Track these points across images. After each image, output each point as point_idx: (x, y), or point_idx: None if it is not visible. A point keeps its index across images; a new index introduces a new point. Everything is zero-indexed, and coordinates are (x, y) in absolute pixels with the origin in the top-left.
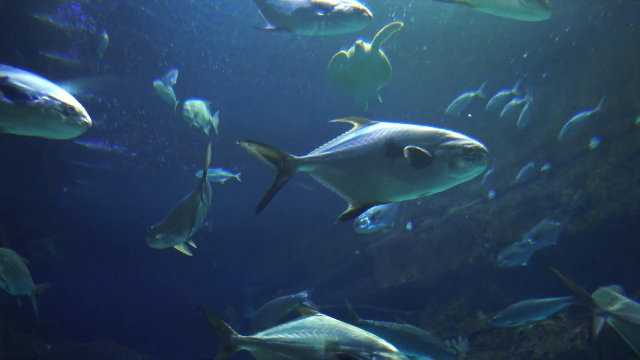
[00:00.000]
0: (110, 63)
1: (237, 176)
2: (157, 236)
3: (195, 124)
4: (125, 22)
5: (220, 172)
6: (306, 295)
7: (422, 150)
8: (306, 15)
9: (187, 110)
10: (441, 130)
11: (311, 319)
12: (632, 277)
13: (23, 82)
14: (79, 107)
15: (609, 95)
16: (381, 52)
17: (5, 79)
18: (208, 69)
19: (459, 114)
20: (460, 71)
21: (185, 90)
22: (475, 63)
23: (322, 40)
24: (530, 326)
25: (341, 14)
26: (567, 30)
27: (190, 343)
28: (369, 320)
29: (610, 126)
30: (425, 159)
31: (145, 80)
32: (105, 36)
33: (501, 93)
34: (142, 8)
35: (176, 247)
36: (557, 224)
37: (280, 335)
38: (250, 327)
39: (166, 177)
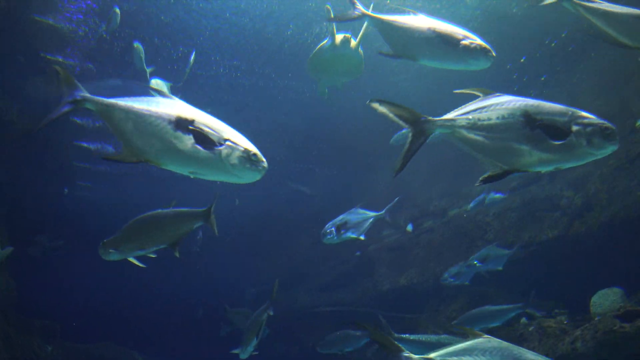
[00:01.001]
0: (113, 66)
1: None
2: (111, 251)
3: None
4: (128, 24)
5: None
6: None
7: (560, 122)
8: (430, 46)
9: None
10: (572, 109)
11: (480, 340)
12: (633, 280)
13: (208, 127)
14: (258, 152)
15: (609, 98)
16: (360, 51)
17: (192, 122)
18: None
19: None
20: (461, 74)
21: (190, 92)
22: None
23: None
24: (531, 328)
25: (467, 51)
26: (562, 35)
27: (189, 344)
28: (404, 335)
29: None
30: (563, 132)
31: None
32: (117, 10)
33: (405, 131)
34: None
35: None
36: (505, 251)
37: (455, 358)
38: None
39: (167, 178)
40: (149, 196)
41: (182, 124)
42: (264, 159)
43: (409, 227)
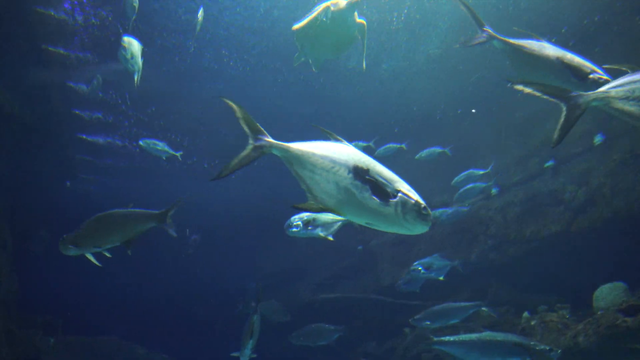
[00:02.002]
0: (114, 58)
1: (178, 155)
2: (70, 246)
3: (130, 67)
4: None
5: (165, 147)
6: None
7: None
8: (557, 77)
9: (124, 48)
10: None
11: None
12: (636, 274)
13: (382, 177)
14: (426, 204)
15: None
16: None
17: (367, 171)
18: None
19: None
20: (459, 73)
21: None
22: (472, 62)
23: None
24: (533, 322)
25: (595, 85)
26: (562, 31)
27: (191, 337)
28: (443, 338)
29: (615, 123)
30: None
31: (152, 75)
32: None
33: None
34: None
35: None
36: (447, 262)
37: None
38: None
39: (169, 171)
40: (150, 190)
41: (360, 174)
42: (430, 212)
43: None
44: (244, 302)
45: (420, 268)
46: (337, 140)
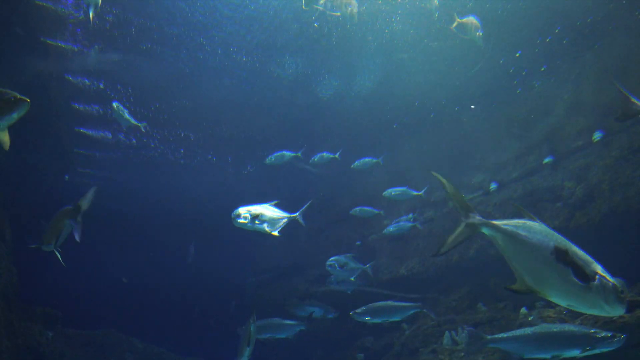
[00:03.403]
0: (115, 50)
1: (140, 125)
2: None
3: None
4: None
5: (128, 117)
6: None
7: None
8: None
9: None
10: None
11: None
12: (634, 270)
13: (579, 258)
14: (622, 285)
15: (613, 89)
16: None
17: (566, 253)
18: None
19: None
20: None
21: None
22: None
23: None
24: (530, 317)
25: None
26: (556, 31)
27: (190, 332)
28: (497, 336)
29: (614, 120)
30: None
31: (150, 67)
32: None
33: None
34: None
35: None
36: (359, 266)
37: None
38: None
39: (167, 165)
40: (149, 183)
41: (561, 255)
42: (628, 294)
43: (410, 217)
44: (236, 300)
45: (335, 264)
46: (531, 218)
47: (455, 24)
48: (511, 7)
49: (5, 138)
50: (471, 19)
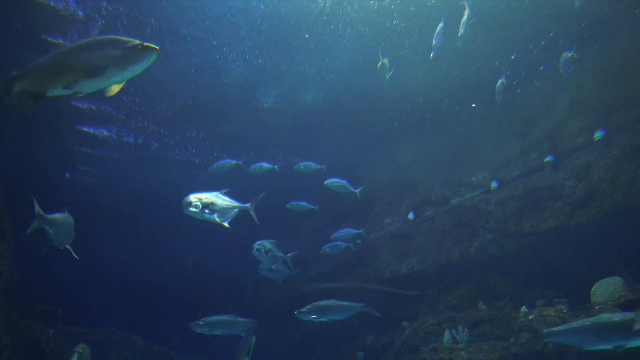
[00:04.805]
0: None
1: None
2: None
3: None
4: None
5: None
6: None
7: None
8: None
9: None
10: None
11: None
12: (634, 269)
13: None
14: None
15: (614, 87)
16: None
17: None
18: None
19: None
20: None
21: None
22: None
23: None
24: (531, 316)
25: None
26: (551, 35)
27: (189, 330)
28: (555, 329)
29: (615, 118)
30: None
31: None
32: None
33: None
34: None
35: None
36: (286, 271)
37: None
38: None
39: (166, 163)
40: (148, 181)
41: None
42: None
43: (410, 215)
44: (233, 302)
45: (262, 249)
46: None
47: (379, 64)
48: (510, 6)
49: (116, 88)
50: (385, 61)
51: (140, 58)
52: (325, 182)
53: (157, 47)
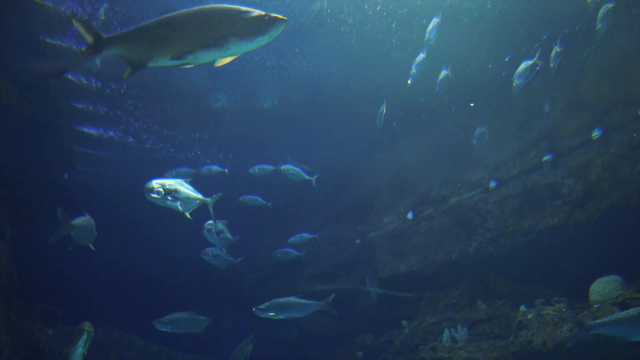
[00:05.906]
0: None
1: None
2: None
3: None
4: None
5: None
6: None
7: None
8: None
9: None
10: None
11: None
12: (632, 268)
13: None
14: None
15: (613, 85)
16: None
17: None
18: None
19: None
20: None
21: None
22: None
23: None
24: (530, 315)
25: None
26: (544, 37)
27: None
28: (600, 320)
29: (614, 116)
30: None
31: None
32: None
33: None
34: None
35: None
36: (230, 237)
37: None
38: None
39: (166, 163)
40: (147, 181)
41: None
42: None
43: (409, 215)
44: (229, 316)
45: (213, 230)
46: None
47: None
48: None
49: (227, 60)
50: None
51: (266, 29)
52: (281, 168)
53: (286, 18)
